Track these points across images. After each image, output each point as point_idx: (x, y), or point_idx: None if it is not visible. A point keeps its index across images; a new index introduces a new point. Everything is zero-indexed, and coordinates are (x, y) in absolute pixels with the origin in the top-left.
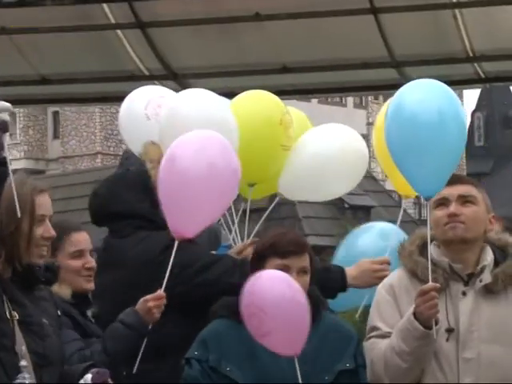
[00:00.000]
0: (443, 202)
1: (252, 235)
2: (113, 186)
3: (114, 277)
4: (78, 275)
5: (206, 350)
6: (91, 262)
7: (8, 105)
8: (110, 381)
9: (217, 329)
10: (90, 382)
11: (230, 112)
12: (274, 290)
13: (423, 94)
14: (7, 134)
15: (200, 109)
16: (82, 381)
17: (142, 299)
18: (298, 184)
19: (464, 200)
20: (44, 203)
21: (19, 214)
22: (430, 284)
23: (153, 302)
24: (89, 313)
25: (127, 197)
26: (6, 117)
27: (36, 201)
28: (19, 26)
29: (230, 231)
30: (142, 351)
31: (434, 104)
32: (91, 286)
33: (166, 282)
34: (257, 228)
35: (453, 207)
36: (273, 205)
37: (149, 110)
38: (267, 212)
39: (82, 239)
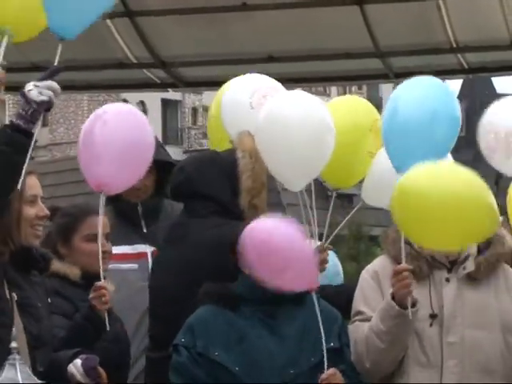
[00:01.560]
0: None
1: None
2: (201, 165)
3: (181, 252)
4: (90, 258)
5: (193, 337)
6: (107, 245)
7: (57, 86)
8: (98, 367)
9: (203, 315)
10: (79, 367)
11: (329, 113)
12: (281, 227)
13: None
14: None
15: (299, 109)
16: (71, 366)
17: None
18: (380, 190)
19: None
20: (34, 184)
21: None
22: (403, 265)
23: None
24: None
25: (213, 180)
26: (52, 96)
27: (26, 182)
28: None
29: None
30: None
31: (430, 104)
32: (105, 268)
33: None
34: None
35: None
36: None
37: (254, 99)
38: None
39: (98, 222)
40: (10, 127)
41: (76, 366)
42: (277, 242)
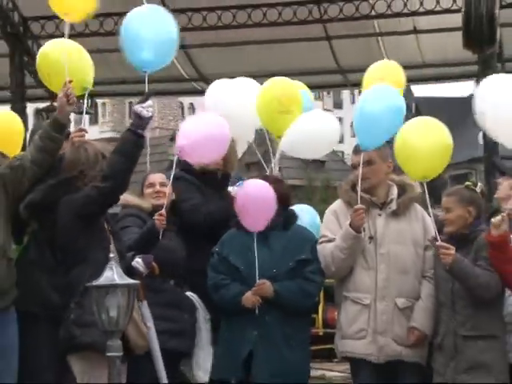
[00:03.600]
0: (356, 166)
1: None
2: None
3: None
4: (150, 197)
5: (222, 247)
6: (158, 188)
7: (152, 103)
8: (154, 264)
9: (228, 235)
10: (141, 263)
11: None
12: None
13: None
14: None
15: None
16: (133, 262)
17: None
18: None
19: (366, 163)
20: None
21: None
22: (360, 205)
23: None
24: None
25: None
26: (152, 111)
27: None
28: None
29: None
30: None
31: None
32: (160, 202)
33: None
34: None
35: (358, 171)
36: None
37: None
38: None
39: (155, 177)
40: (135, 134)
41: (138, 262)
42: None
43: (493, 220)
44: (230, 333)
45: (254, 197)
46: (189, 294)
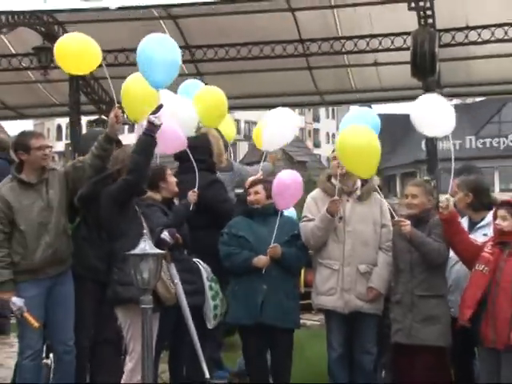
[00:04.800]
0: (334, 158)
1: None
2: (195, 142)
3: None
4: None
5: (231, 228)
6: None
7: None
8: (177, 235)
9: (235, 220)
10: (167, 235)
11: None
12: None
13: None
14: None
15: None
16: (162, 235)
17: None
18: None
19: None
20: None
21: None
22: (336, 197)
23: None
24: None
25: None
26: (162, 121)
27: None
28: None
29: None
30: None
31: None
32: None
33: None
34: None
35: (335, 163)
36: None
37: None
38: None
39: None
40: (149, 137)
41: (165, 234)
42: (284, 183)
43: (440, 204)
44: (242, 288)
45: (288, 183)
46: (195, 260)
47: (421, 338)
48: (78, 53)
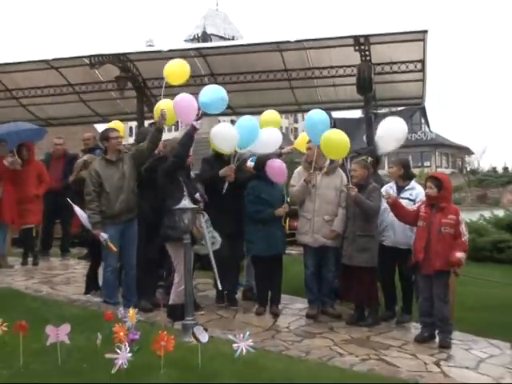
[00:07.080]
0: (309, 148)
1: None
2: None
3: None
4: None
5: (254, 190)
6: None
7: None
8: (205, 196)
9: (252, 184)
10: (198, 195)
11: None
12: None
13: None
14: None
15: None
16: (196, 196)
17: None
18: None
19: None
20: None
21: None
22: (312, 172)
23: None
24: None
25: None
26: (201, 125)
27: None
28: None
29: None
30: None
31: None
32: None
33: None
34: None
35: (309, 152)
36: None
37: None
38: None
39: None
40: (190, 135)
41: (198, 196)
42: (274, 166)
43: (385, 196)
44: (261, 230)
45: (277, 167)
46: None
47: (358, 261)
48: (179, 73)
